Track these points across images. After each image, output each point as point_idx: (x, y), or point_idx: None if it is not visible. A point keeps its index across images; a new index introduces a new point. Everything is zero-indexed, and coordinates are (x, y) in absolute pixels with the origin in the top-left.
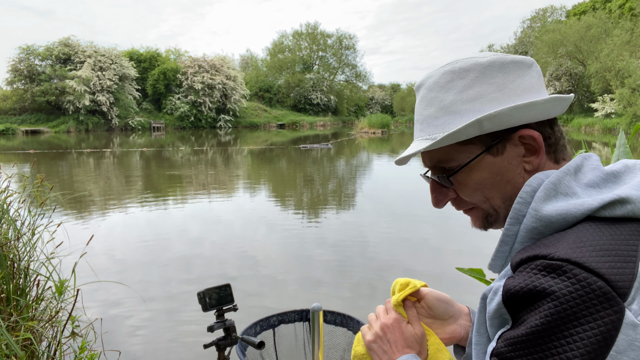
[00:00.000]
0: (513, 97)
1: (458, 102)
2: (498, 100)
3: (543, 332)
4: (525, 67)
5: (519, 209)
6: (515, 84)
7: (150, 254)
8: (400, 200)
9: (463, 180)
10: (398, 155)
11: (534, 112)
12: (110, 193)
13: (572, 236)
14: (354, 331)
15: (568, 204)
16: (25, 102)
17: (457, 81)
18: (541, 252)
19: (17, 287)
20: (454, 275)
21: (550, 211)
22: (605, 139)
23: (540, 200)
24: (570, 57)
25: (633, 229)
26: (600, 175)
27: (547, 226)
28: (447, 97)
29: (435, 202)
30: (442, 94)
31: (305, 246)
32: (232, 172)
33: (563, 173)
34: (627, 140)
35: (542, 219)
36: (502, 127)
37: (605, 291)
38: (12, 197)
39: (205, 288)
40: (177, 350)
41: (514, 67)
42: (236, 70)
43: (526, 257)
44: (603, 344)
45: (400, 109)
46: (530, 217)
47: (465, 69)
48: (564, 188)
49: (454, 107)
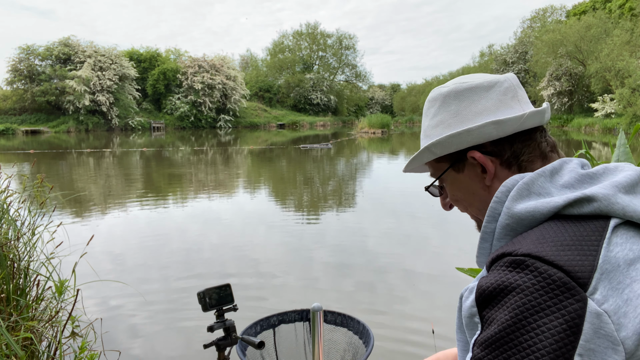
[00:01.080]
0: (465, 121)
1: (429, 127)
2: (452, 126)
3: (512, 325)
4: (481, 91)
5: (495, 208)
6: (468, 109)
7: (150, 254)
8: (400, 200)
9: (447, 191)
10: (407, 159)
11: (471, 137)
12: (110, 193)
13: (537, 233)
14: (354, 331)
15: (537, 202)
16: (25, 102)
17: (430, 109)
18: (507, 249)
19: (17, 287)
20: (454, 275)
21: (520, 209)
22: (605, 139)
23: (512, 199)
24: (570, 57)
25: (598, 226)
26: (575, 177)
27: (518, 223)
28: (425, 122)
29: (442, 206)
30: (423, 119)
31: (306, 246)
32: (232, 172)
33: (537, 174)
34: (627, 140)
35: (513, 216)
36: (451, 150)
37: (565, 281)
38: (12, 197)
39: (205, 288)
40: (177, 350)
41: (469, 93)
42: (236, 70)
43: (496, 256)
44: (570, 333)
45: (400, 109)
46: (503, 214)
47: (433, 98)
48: (537, 188)
49: (427, 132)
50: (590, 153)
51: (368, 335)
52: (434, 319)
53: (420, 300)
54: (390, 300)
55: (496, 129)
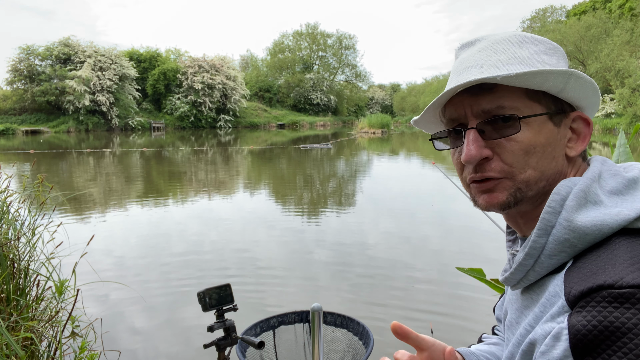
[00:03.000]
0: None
1: (534, 59)
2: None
3: None
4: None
5: (548, 219)
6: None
7: (150, 254)
8: (400, 200)
9: (517, 136)
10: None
11: (595, 98)
12: (110, 193)
13: (624, 254)
14: (354, 332)
15: (602, 214)
16: (25, 102)
17: (530, 45)
18: (604, 280)
19: (17, 287)
20: (454, 275)
21: (584, 222)
22: (605, 139)
23: (572, 209)
24: (570, 57)
25: None
26: (622, 182)
27: (580, 238)
28: (522, 52)
29: (473, 152)
30: (515, 48)
31: (306, 246)
32: (232, 172)
33: (590, 180)
34: (627, 140)
35: (576, 230)
36: (577, 95)
37: None
38: (12, 197)
39: (205, 288)
40: (177, 350)
41: (567, 61)
42: (236, 70)
43: (587, 290)
44: None
45: (400, 109)
46: (562, 227)
47: (537, 39)
48: (592, 196)
49: (530, 61)
50: (590, 153)
51: (368, 337)
52: (435, 318)
53: (420, 300)
54: (390, 300)
55: (596, 103)
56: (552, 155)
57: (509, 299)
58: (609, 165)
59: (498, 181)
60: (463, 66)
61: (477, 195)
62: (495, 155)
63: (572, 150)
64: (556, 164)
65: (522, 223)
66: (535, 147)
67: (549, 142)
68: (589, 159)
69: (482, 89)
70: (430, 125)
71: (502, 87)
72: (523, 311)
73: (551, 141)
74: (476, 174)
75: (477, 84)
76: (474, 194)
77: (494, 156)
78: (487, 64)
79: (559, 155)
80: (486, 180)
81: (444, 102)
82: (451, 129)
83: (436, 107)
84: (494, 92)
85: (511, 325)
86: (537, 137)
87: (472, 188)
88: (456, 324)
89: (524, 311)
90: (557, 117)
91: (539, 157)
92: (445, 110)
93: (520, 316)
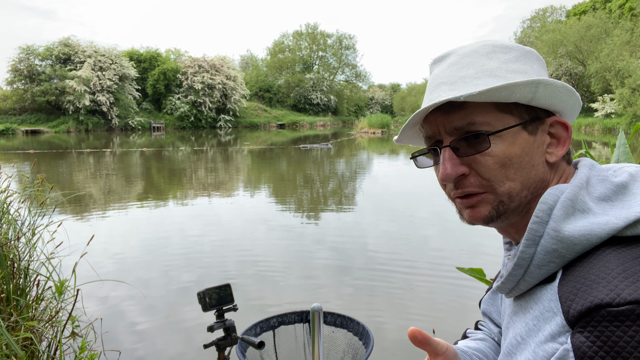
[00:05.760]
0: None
1: (502, 69)
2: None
3: None
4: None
5: (536, 230)
6: (545, 76)
7: (150, 254)
8: (400, 200)
9: (491, 151)
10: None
11: (572, 100)
12: (110, 193)
13: (616, 267)
14: (354, 332)
15: (591, 223)
16: (25, 102)
17: (500, 54)
18: (601, 298)
19: (17, 287)
20: (454, 275)
21: (572, 231)
22: (605, 139)
23: (559, 219)
24: (570, 57)
25: None
26: (610, 188)
27: (569, 249)
28: (490, 63)
29: (449, 171)
30: (483, 60)
31: (306, 246)
32: (232, 171)
33: (577, 187)
34: (627, 140)
35: (564, 240)
36: (549, 102)
37: None
38: (12, 197)
39: (205, 288)
40: (177, 350)
41: (542, 64)
42: (236, 70)
43: (586, 310)
44: None
45: (400, 109)
46: (549, 238)
47: (507, 46)
48: (580, 204)
49: (498, 72)
50: (590, 153)
51: (368, 337)
52: (435, 319)
53: (420, 300)
54: (390, 300)
55: (576, 104)
56: (530, 164)
57: (505, 304)
58: (597, 170)
59: (480, 196)
60: (434, 83)
61: (462, 210)
62: (472, 170)
63: (552, 155)
64: (537, 172)
65: (513, 232)
66: (510, 159)
67: (525, 151)
68: (577, 163)
69: (453, 107)
70: (415, 140)
71: (471, 103)
72: (512, 317)
73: (527, 150)
74: (457, 190)
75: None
76: (459, 209)
77: (471, 172)
78: (455, 81)
79: (539, 162)
80: (469, 195)
81: (419, 121)
82: (429, 147)
83: (412, 125)
84: (465, 109)
85: (505, 329)
86: (511, 148)
87: (457, 203)
88: (456, 324)
89: (513, 317)
90: (531, 125)
91: (517, 168)
92: (423, 126)
93: (509, 322)
